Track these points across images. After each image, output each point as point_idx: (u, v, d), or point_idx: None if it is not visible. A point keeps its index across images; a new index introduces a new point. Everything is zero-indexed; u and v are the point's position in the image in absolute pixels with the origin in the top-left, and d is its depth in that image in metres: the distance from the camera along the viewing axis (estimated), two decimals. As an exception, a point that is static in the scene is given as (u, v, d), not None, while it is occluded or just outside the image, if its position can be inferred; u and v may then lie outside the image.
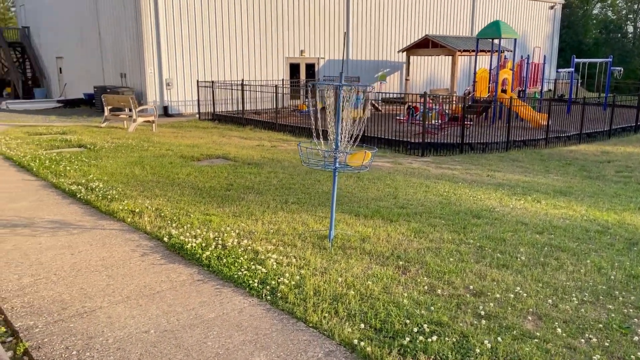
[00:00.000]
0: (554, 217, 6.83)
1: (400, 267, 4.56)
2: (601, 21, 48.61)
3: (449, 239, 5.45)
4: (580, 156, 13.78)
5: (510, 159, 12.92)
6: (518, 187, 9.08)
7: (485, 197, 7.76)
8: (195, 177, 7.73)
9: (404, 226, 5.78)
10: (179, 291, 3.90)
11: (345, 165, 5.11)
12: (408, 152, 13.25)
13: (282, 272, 4.21)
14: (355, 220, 5.91)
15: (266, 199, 6.61)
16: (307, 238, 5.18)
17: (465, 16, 28.37)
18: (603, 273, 4.78)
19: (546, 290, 4.22)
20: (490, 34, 18.47)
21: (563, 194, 8.83)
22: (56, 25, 26.76)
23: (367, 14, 24.78)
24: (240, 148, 11.47)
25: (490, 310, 3.76)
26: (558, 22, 32.28)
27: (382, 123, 15.76)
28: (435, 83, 28.17)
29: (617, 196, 9.34)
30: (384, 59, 26.11)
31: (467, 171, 10.72)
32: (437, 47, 22.78)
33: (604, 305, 4.07)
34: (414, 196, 7.44)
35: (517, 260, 4.90)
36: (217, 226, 5.36)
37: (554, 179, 10.62)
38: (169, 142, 11.63)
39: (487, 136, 14.37)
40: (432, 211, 6.59)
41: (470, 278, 4.38)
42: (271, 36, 21.99)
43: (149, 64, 19.52)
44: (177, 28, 19.53)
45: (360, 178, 8.52)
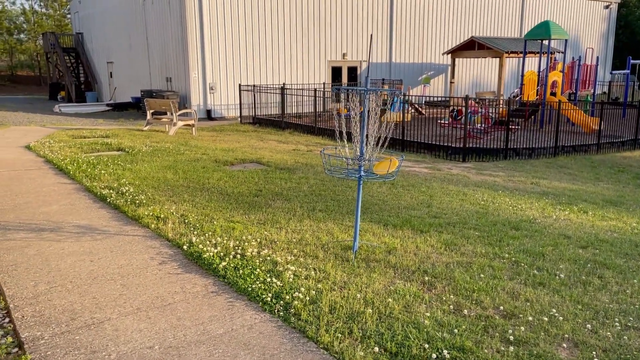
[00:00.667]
0: (600, 230, 6.35)
1: (425, 283, 4.29)
2: (662, 19, 45.91)
3: (482, 252, 5.12)
4: (634, 163, 12.94)
5: (558, 166, 12.27)
6: (564, 196, 8.55)
7: (527, 207, 7.32)
8: (225, 182, 7.69)
9: (435, 238, 5.49)
10: (191, 303, 3.79)
11: (370, 174, 4.88)
12: (449, 157, 12.81)
13: (299, 285, 4.03)
14: (384, 231, 5.66)
15: (293, 206, 6.46)
16: (331, 249, 4.98)
17: (514, 16, 27.41)
18: (653, 295, 4.34)
19: (585, 313, 3.85)
20: (539, 35, 17.71)
21: (613, 204, 8.25)
22: (107, 32, 27.74)
23: (410, 15, 24.33)
24: (275, 152, 11.40)
25: (520, 336, 3.45)
26: (614, 21, 30.69)
27: (424, 127, 15.35)
28: (481, 86, 27.35)
29: (675, 207, 8.64)
30: (428, 61, 25.57)
31: (509, 178, 10.23)
32: (484, 48, 22.07)
33: (652, 333, 3.66)
34: (449, 205, 7.11)
35: (555, 278, 4.53)
36: (240, 234, 5.25)
37: (604, 188, 9.97)
38: (205, 146, 11.71)
39: (533, 141, 13.72)
40: (466, 222, 6.25)
41: (501, 297, 4.06)
42: (313, 39, 21.95)
43: (193, 68, 19.86)
44: (220, 33, 19.79)
45: (394, 185, 8.25)
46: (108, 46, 27.98)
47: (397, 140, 14.05)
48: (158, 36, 21.96)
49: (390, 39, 24.06)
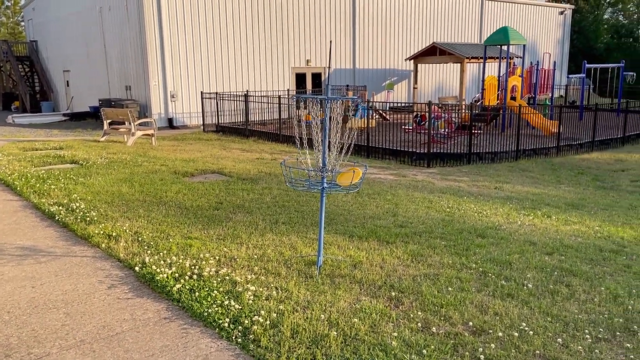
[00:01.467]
0: (565, 235, 6.34)
1: (392, 299, 4.12)
2: (612, 26, 47.81)
3: (449, 263, 5.00)
4: (593, 165, 13.22)
5: (520, 169, 12.41)
6: (527, 201, 8.58)
7: (492, 213, 7.28)
8: (184, 195, 7.36)
9: (401, 249, 5.34)
10: (141, 332, 3.50)
11: (333, 185, 4.69)
12: (414, 163, 12.79)
13: (259, 307, 3.79)
14: (349, 243, 5.48)
15: (255, 219, 6.21)
16: (294, 265, 4.76)
17: (473, 23, 27.92)
18: (619, 302, 4.29)
19: (555, 326, 3.75)
20: (498, 41, 18.01)
21: (575, 207, 8.32)
22: (63, 39, 26.81)
23: (373, 22, 24.44)
24: (238, 162, 11.11)
25: (491, 354, 3.30)
26: (568, 27, 31.67)
27: (389, 133, 15.33)
28: (444, 91, 27.69)
29: (633, 208, 8.79)
30: (392, 67, 25.72)
31: (474, 183, 10.24)
32: (445, 54, 22.34)
33: (621, 343, 3.59)
34: (415, 213, 6.99)
35: (523, 289, 4.43)
36: (197, 252, 4.97)
37: (566, 190, 10.10)
38: (165, 157, 11.30)
39: (495, 145, 13.87)
40: (433, 230, 6.13)
41: (470, 312, 3.93)
42: (276, 46, 21.74)
43: (153, 76, 19.34)
44: (181, 40, 19.34)
45: (360, 194, 8.10)
46: (64, 54, 27.04)
47: (363, 146, 13.97)
48: (116, 44, 21.32)
49: (354, 45, 24.09)
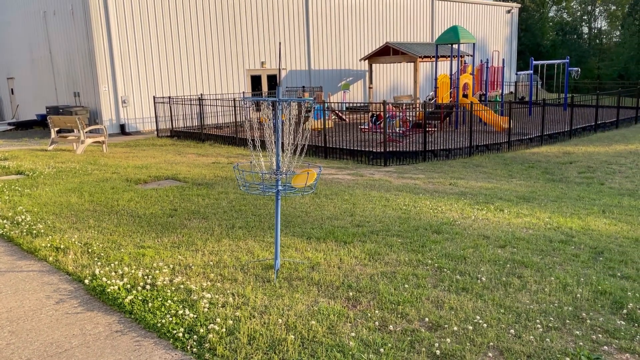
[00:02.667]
0: (516, 228, 6.53)
1: (350, 299, 4.12)
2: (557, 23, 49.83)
3: (405, 260, 5.05)
4: (542, 158, 13.70)
5: (474, 165, 12.72)
6: (481, 195, 8.80)
7: (447, 209, 7.42)
8: (137, 203, 7.16)
9: (359, 248, 5.36)
10: (91, 347, 3.36)
11: (287, 188, 4.66)
12: (371, 162, 12.91)
13: (215, 315, 3.72)
14: (307, 245, 5.45)
15: (211, 225, 6.10)
16: (251, 270, 4.69)
17: (425, 22, 28.47)
18: (569, 291, 4.44)
19: (508, 317, 3.84)
20: (448, 40, 18.42)
21: (526, 200, 8.59)
22: (6, 45, 25.66)
23: (327, 23, 24.54)
24: (193, 167, 10.90)
25: (446, 348, 3.35)
26: (516, 25, 32.75)
27: (346, 133, 15.42)
28: (399, 90, 28.11)
29: (581, 199, 9.16)
30: (347, 67, 25.90)
31: (429, 180, 10.42)
32: (398, 54, 22.68)
33: (571, 331, 3.71)
34: (372, 212, 7.04)
35: (477, 282, 4.53)
36: (150, 261, 4.83)
37: (517, 184, 10.42)
38: (116, 164, 10.97)
39: (450, 142, 14.17)
40: (390, 228, 6.19)
41: (426, 307, 3.97)
42: (230, 48, 21.50)
43: (102, 81, 18.77)
44: (131, 43, 18.85)
45: (318, 195, 8.09)
46: (8, 61, 25.89)
47: (320, 147, 13.99)
48: (63, 49, 20.57)
49: (308, 46, 24.12)
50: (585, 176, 11.64)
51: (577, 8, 52.03)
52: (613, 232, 6.72)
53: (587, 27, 51.43)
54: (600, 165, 12.68)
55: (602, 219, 7.51)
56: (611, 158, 13.50)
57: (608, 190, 10.28)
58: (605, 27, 52.35)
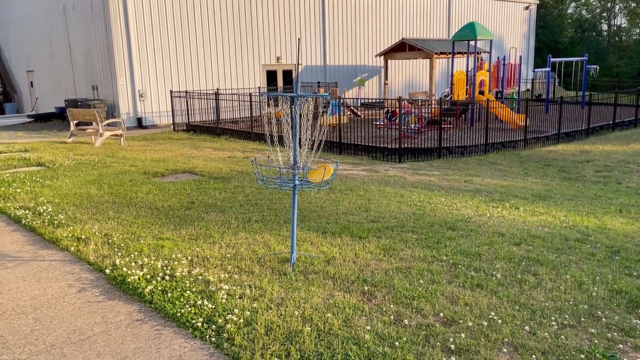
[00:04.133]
0: (532, 226, 6.51)
1: (365, 293, 4.17)
2: (576, 20, 49.11)
3: (420, 256, 5.08)
4: (559, 156, 13.59)
5: (489, 162, 12.66)
6: (496, 193, 8.77)
7: (462, 206, 7.42)
8: (155, 196, 7.27)
9: (374, 243, 5.40)
10: (113, 335, 3.46)
11: (304, 182, 4.71)
12: (385, 158, 12.92)
13: (233, 306, 3.79)
14: (322, 239, 5.51)
15: (228, 218, 6.18)
16: (267, 262, 4.76)
17: (442, 18, 28.27)
18: (584, 289, 4.44)
19: (523, 314, 3.86)
20: (465, 36, 18.30)
21: (542, 199, 8.54)
22: (26, 39, 26.04)
23: (343, 19, 24.50)
24: (210, 161, 11.02)
25: (461, 344, 3.38)
26: (533, 22, 32.38)
27: (361, 129, 15.42)
28: (414, 86, 27.99)
29: (597, 198, 9.09)
30: (362, 63, 25.85)
31: (444, 177, 10.41)
32: (414, 50, 22.58)
33: (586, 329, 3.72)
34: (387, 208, 7.07)
35: (492, 279, 4.54)
36: (169, 252, 4.93)
37: (533, 182, 10.36)
38: (134, 157, 11.13)
39: (465, 139, 14.12)
40: (404, 225, 6.22)
41: (441, 303, 4.01)
42: (246, 43, 21.59)
43: (120, 75, 18.99)
44: (148, 38, 19.03)
45: (333, 190, 8.14)
46: (28, 54, 26.28)
47: (335, 143, 14.02)
48: (81, 43, 20.83)
49: (324, 42, 24.11)
50: (602, 175, 11.53)
51: (596, 5, 51.22)
52: (630, 231, 6.67)
53: (606, 25, 50.63)
54: (617, 164, 12.54)
55: (619, 218, 7.45)
56: (629, 157, 13.34)
57: (625, 189, 10.18)
58: (625, 25, 51.47)
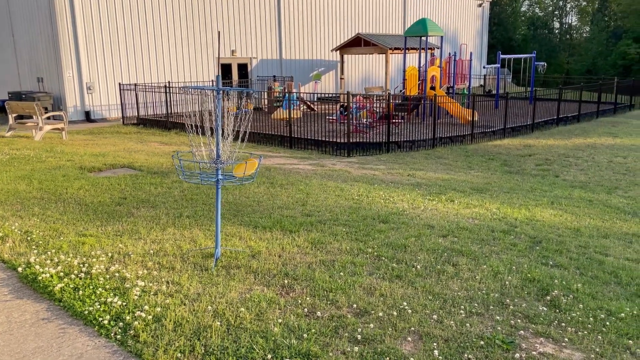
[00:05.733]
0: (463, 218, 6.69)
1: (285, 287, 4.19)
2: (529, 18, 50.56)
3: (347, 249, 5.14)
4: (503, 151, 13.99)
5: (436, 156, 12.91)
6: (435, 186, 8.96)
7: (398, 199, 7.55)
8: (86, 191, 7.08)
9: (303, 237, 5.43)
10: (15, 335, 3.36)
11: (228, 177, 4.69)
12: (335, 152, 12.99)
13: (144, 303, 3.74)
14: (252, 234, 5.50)
15: (158, 214, 6.09)
16: (190, 258, 4.72)
17: (397, 14, 28.58)
18: (499, 278, 4.60)
19: (434, 304, 3.97)
20: (417, 32, 18.55)
21: (479, 192, 8.78)
22: (-36, 27, 24.81)
23: (299, 12, 24.43)
24: (152, 155, 10.81)
25: (368, 333, 3.45)
26: (487, 19, 33.13)
27: (315, 123, 15.45)
28: (370, 81, 28.23)
29: (533, 191, 9.41)
30: (319, 58, 25.86)
31: (389, 171, 10.56)
32: (369, 45, 22.75)
33: (492, 316, 3.85)
34: (325, 202, 7.12)
35: (412, 270, 4.65)
36: (89, 249, 4.81)
37: (475, 176, 10.63)
38: (73, 152, 10.80)
39: (414, 133, 14.34)
40: (338, 218, 6.28)
41: (357, 294, 4.07)
42: (200, 35, 21.24)
43: (66, 67, 18.36)
44: (97, 28, 18.46)
45: (273, 184, 8.13)
46: (-33, 43, 25.04)
47: (285, 137, 14.00)
48: (26, 33, 20.03)
49: (280, 35, 23.99)
50: (542, 168, 11.94)
51: (548, 3, 52.88)
52: (557, 222, 6.95)
53: (558, 22, 52.36)
54: (557, 158, 13.02)
55: (550, 209, 7.74)
56: (569, 151, 13.87)
57: (561, 182, 10.57)
58: (576, 23, 53.38)
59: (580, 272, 4.98)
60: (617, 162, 12.47)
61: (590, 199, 8.94)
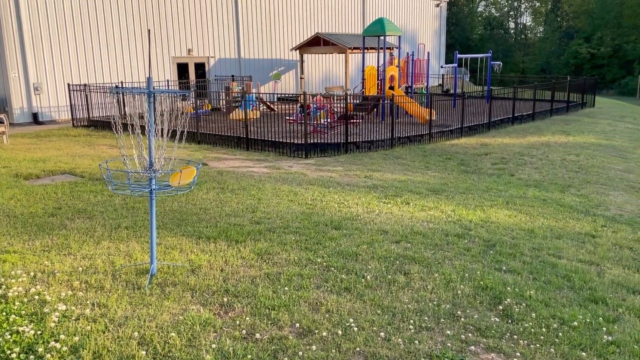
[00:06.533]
0: (417, 221, 6.53)
1: (223, 305, 3.88)
2: (486, 18, 51.55)
3: (295, 259, 4.87)
4: (460, 150, 14.02)
5: (394, 157, 12.81)
6: (392, 188, 8.80)
7: (353, 203, 7.33)
8: (17, 201, 6.57)
9: (249, 248, 5.13)
10: None
11: (163, 186, 4.34)
12: (293, 154, 12.71)
13: (61, 331, 3.37)
14: (194, 245, 5.16)
15: (94, 225, 5.66)
16: (123, 275, 4.35)
17: (357, 13, 28.52)
18: (451, 287, 4.43)
19: (383, 319, 3.75)
20: (375, 32, 18.47)
21: (435, 193, 8.68)
22: None
23: (257, 11, 24.01)
24: (98, 159, 10.26)
25: (309, 357, 3.19)
26: (444, 19, 33.51)
27: (273, 124, 15.12)
28: (331, 81, 28.07)
29: (488, 191, 9.38)
30: (279, 57, 25.51)
31: (346, 173, 10.36)
32: (329, 44, 22.56)
33: (443, 330, 3.66)
34: (276, 208, 6.83)
35: (362, 281, 4.42)
36: (10, 268, 4.38)
37: (432, 176, 10.56)
38: (11, 157, 10.13)
39: (374, 133, 14.21)
40: (289, 225, 6.00)
41: (302, 311, 3.81)
42: (154, 35, 20.56)
43: (12, 67, 17.41)
44: (44, 26, 17.57)
45: (224, 190, 7.78)
46: None
47: (242, 139, 13.62)
48: (-36, 30, 18.88)
49: (238, 34, 23.52)
50: (498, 167, 11.99)
51: (504, 3, 54.08)
52: (511, 223, 6.88)
53: (513, 23, 53.61)
54: (513, 157, 13.13)
55: (504, 210, 7.69)
56: (524, 149, 14.02)
57: (516, 181, 10.62)
58: (530, 23, 54.80)
59: (534, 277, 4.88)
60: (570, 160, 12.67)
61: (544, 197, 8.98)
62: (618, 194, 9.77)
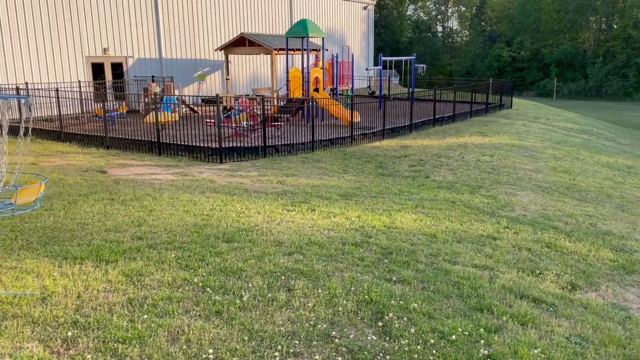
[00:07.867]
0: (318, 230, 6.25)
1: (67, 341, 3.39)
2: (414, 22, 52.83)
3: (168, 281, 4.43)
4: (381, 152, 14.00)
5: (314, 160, 12.56)
6: (302, 194, 8.51)
7: (255, 212, 6.96)
8: None
9: (119, 269, 4.63)
10: None
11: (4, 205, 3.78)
12: (207, 159, 12.16)
13: None
14: (56, 268, 4.59)
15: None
16: (-46, 309, 3.75)
17: (284, 14, 28.20)
18: (333, 303, 4.15)
19: (247, 346, 3.40)
20: (298, 33, 18.21)
21: (345, 198, 8.47)
22: None
23: (180, 9, 23.12)
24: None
25: (146, 401, 2.78)
26: (372, 21, 33.88)
27: (193, 127, 14.46)
28: (258, 82, 27.57)
29: (401, 194, 9.30)
30: (203, 57, 24.70)
31: (259, 178, 9.97)
32: (254, 45, 22.07)
33: (312, 355, 3.36)
34: (167, 220, 6.33)
35: (237, 302, 4.05)
36: None
37: (347, 180, 10.38)
38: None
39: (295, 136, 13.91)
40: (175, 240, 5.53)
41: (157, 343, 3.38)
42: (65, 32, 19.25)
43: None
44: None
45: (113, 200, 7.17)
46: None
47: (154, 143, 12.91)
48: None
49: (158, 32, 22.53)
50: (415, 169, 12.02)
51: (432, 8, 55.68)
52: (415, 228, 6.76)
53: (441, 26, 55.30)
54: (430, 159, 13.24)
55: (411, 214, 7.58)
56: (442, 151, 14.21)
57: (430, 183, 10.65)
58: (457, 27, 56.76)
59: (423, 286, 4.71)
60: (483, 160, 12.93)
61: (453, 199, 8.99)
62: (525, 194, 9.99)
